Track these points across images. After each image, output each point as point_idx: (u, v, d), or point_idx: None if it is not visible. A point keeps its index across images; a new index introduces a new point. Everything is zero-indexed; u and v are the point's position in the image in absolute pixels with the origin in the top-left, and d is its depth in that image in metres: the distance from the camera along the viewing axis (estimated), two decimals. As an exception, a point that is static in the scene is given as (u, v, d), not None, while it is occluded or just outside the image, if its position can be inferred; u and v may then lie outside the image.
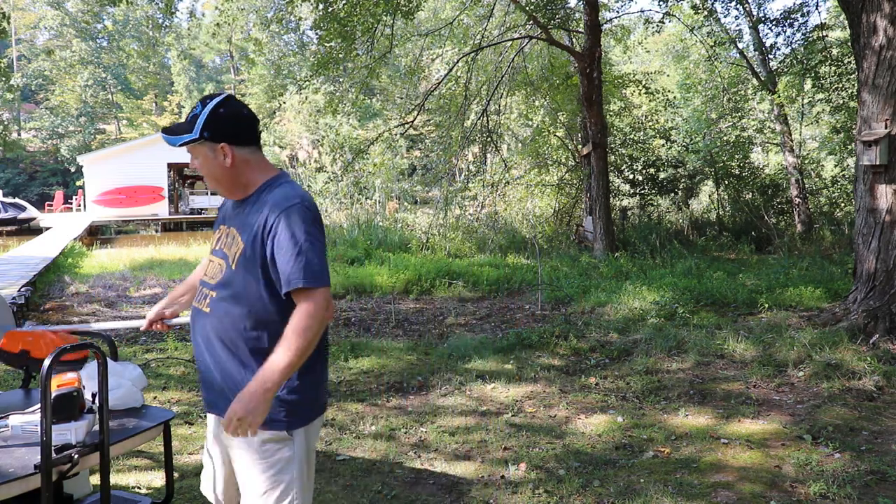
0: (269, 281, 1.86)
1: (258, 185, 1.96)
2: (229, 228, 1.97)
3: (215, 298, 1.93)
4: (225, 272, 1.93)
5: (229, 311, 1.89)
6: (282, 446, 1.92)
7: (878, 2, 5.73)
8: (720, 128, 15.27)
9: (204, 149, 1.93)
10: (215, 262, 1.99)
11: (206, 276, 2.01)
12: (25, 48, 44.07)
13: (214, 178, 1.97)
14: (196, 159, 1.96)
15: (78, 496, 2.77)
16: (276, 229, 1.83)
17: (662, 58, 24.20)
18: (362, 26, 10.91)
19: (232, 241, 1.94)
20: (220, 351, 1.91)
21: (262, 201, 1.91)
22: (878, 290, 5.76)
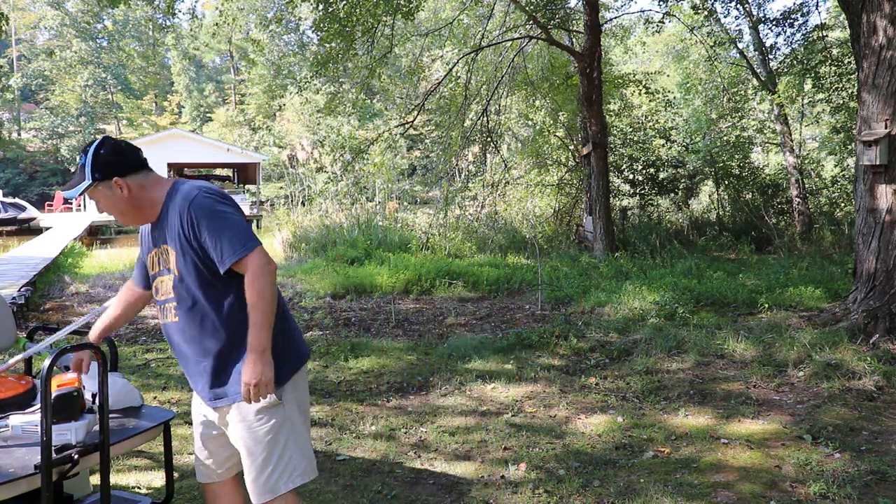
0: (209, 267, 2.05)
1: (162, 201, 2.12)
2: (160, 247, 2.14)
3: (178, 307, 2.12)
4: (174, 283, 2.11)
5: (194, 309, 2.09)
6: (273, 412, 2.13)
7: (878, 2, 5.73)
8: (720, 128, 15.26)
9: (102, 189, 2.09)
10: (163, 281, 2.17)
11: (160, 296, 2.20)
12: (25, 48, 44.07)
13: (121, 212, 2.12)
14: (100, 202, 2.12)
15: (78, 496, 2.77)
16: (192, 222, 2.02)
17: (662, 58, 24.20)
18: (362, 26, 10.91)
19: (166, 255, 2.12)
20: (206, 343, 2.10)
21: (170, 211, 2.08)
22: (878, 290, 5.76)
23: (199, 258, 2.04)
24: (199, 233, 2.01)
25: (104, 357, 2.31)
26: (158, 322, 2.33)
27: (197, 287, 2.07)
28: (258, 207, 30.48)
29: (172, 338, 2.20)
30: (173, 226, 2.06)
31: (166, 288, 2.15)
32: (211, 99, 49.03)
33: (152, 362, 5.73)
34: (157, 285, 2.21)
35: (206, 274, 2.06)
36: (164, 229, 2.10)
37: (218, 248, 2.00)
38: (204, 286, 2.07)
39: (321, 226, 14.71)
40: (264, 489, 2.13)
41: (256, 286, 1.99)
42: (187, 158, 29.21)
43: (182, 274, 2.07)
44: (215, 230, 2.00)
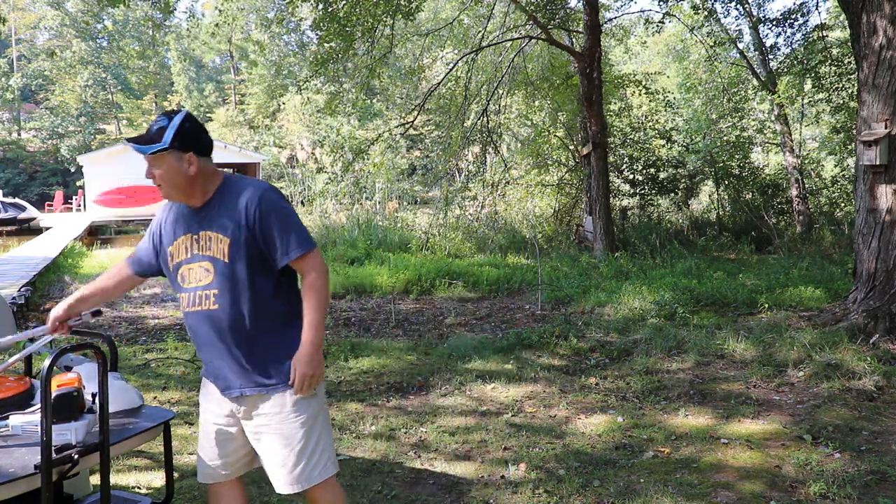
0: (263, 259, 2.10)
1: (214, 190, 2.16)
2: (199, 234, 2.14)
3: (220, 294, 2.10)
4: (218, 269, 2.10)
5: (241, 298, 2.10)
6: (310, 403, 2.19)
7: (879, 2, 5.73)
8: (720, 128, 15.26)
9: (171, 157, 2.09)
10: (192, 269, 2.15)
11: (188, 284, 2.16)
12: (25, 48, 44.07)
13: (174, 186, 2.12)
14: (158, 168, 2.10)
15: (78, 496, 2.76)
16: (260, 213, 2.07)
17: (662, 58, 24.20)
18: (362, 26, 10.90)
19: (209, 242, 2.11)
20: (247, 332, 2.11)
21: (228, 200, 2.12)
22: (878, 290, 5.76)
23: (255, 248, 2.09)
24: (266, 225, 2.07)
25: (104, 357, 2.31)
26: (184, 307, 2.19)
27: (247, 276, 2.09)
28: (258, 207, 30.43)
29: (202, 326, 2.15)
30: (231, 214, 2.09)
31: (200, 275, 2.13)
32: (211, 99, 49.01)
33: (152, 362, 5.73)
34: (182, 273, 2.17)
35: (257, 264, 2.10)
36: (212, 217, 2.12)
37: (284, 243, 2.08)
38: (254, 276, 2.10)
39: (321, 226, 14.72)
40: (300, 479, 2.16)
41: (317, 284, 2.11)
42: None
43: (233, 262, 2.08)
44: (283, 225, 2.09)
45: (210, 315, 2.12)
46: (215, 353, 2.16)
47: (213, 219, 2.12)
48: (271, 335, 2.14)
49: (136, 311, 8.36)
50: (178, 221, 2.21)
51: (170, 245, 2.21)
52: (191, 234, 2.16)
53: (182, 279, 2.18)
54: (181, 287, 2.19)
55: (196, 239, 2.14)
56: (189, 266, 2.16)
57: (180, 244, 2.18)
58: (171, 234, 2.21)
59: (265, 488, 3.34)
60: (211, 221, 2.13)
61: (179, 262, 2.18)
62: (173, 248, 2.20)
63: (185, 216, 2.19)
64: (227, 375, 2.18)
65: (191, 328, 2.20)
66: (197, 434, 4.07)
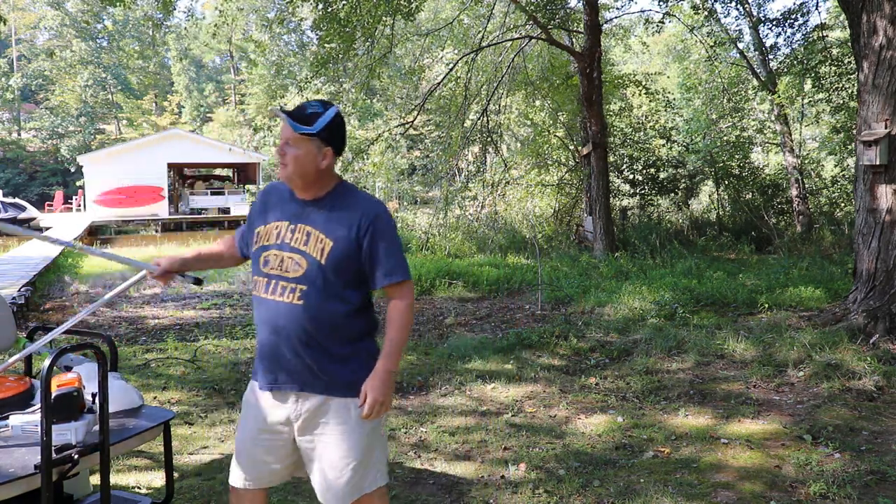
0: (359, 274, 2.12)
1: (329, 189, 2.16)
2: (297, 225, 2.12)
3: (306, 292, 2.07)
4: (311, 267, 2.08)
5: (326, 303, 2.08)
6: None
7: (879, 2, 5.73)
8: (720, 128, 15.26)
9: (312, 145, 2.09)
10: (279, 256, 2.11)
11: (271, 269, 2.12)
12: (25, 48, 44.07)
13: (301, 173, 2.10)
14: (296, 150, 2.08)
15: (78, 496, 2.76)
16: (373, 230, 2.09)
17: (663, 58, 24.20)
18: (362, 27, 10.90)
19: (309, 237, 2.10)
20: (322, 335, 2.09)
21: (343, 205, 2.12)
22: (878, 290, 5.76)
23: (356, 262, 2.10)
24: (376, 244, 2.09)
25: (104, 357, 2.31)
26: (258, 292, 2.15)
27: (340, 284, 2.09)
28: (258, 207, 30.43)
29: (277, 316, 2.10)
30: (343, 220, 2.09)
31: (288, 266, 2.09)
32: (211, 99, 49.04)
33: (152, 362, 5.73)
34: (267, 257, 2.14)
35: (352, 277, 2.11)
36: (319, 215, 2.11)
37: (388, 265, 2.10)
38: (346, 286, 2.10)
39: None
40: (353, 490, 2.13)
41: (406, 313, 2.16)
42: (187, 158, 29.21)
43: (331, 265, 2.07)
44: (391, 249, 2.11)
45: (290, 308, 2.08)
46: (284, 345, 2.09)
47: (319, 217, 2.11)
48: (345, 346, 2.13)
49: (136, 311, 8.36)
50: (275, 206, 2.19)
51: (260, 226, 2.19)
52: (287, 223, 2.13)
53: (265, 263, 2.14)
54: (261, 271, 2.15)
55: (292, 229, 2.12)
56: (276, 253, 2.12)
57: (271, 228, 2.15)
58: (263, 216, 2.19)
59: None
60: (316, 219, 2.11)
61: (266, 245, 2.15)
62: (263, 230, 2.17)
63: (285, 203, 2.18)
64: (290, 370, 2.12)
65: (261, 314, 2.14)
66: (197, 434, 4.08)
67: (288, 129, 2.09)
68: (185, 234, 24.31)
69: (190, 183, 31.20)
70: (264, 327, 2.13)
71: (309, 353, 2.09)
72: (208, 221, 28.07)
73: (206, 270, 2.50)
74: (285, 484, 3.39)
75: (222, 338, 6.70)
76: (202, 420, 4.35)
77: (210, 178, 32.66)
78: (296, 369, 2.10)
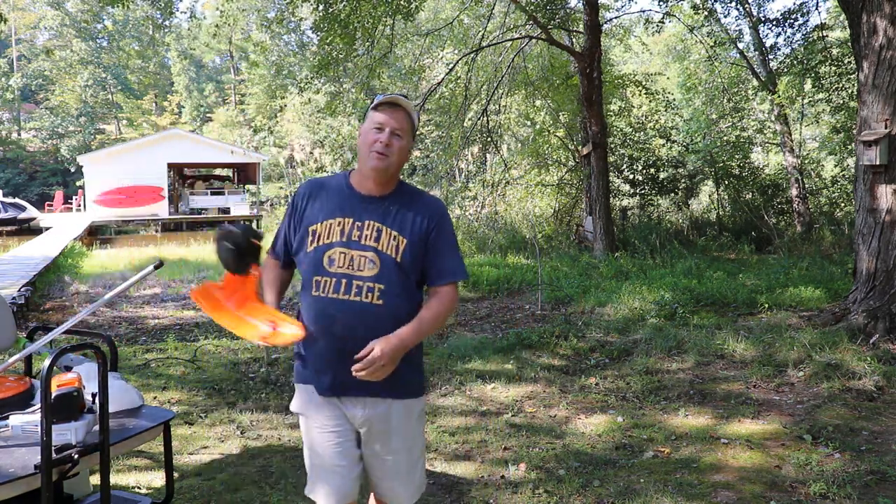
0: (421, 272, 2.09)
1: (395, 184, 2.12)
2: (365, 222, 2.04)
3: (385, 291, 2.00)
4: (386, 265, 2.02)
5: (403, 302, 2.04)
6: (423, 409, 2.22)
7: (879, 2, 5.73)
8: (720, 128, 15.26)
9: (411, 136, 2.09)
10: (356, 255, 2.02)
11: (344, 269, 2.01)
12: (25, 48, 44.08)
13: (399, 164, 2.06)
14: (403, 139, 2.05)
15: (78, 496, 2.76)
16: (438, 229, 2.08)
17: (663, 58, 24.19)
18: (362, 27, 10.91)
19: (380, 235, 2.03)
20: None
21: (410, 203, 2.09)
22: (878, 290, 5.76)
23: (420, 260, 2.06)
24: (439, 243, 2.08)
25: (104, 357, 2.31)
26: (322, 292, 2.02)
27: (413, 282, 2.07)
28: (258, 207, 30.50)
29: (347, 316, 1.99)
30: (414, 218, 2.06)
31: (361, 264, 2.01)
32: (211, 99, 49.04)
33: (152, 362, 5.73)
34: (331, 255, 2.02)
35: (419, 274, 2.09)
36: (388, 212, 2.05)
37: (449, 264, 2.09)
38: (415, 284, 2.09)
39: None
40: (417, 491, 2.17)
41: (447, 308, 2.09)
42: (187, 158, 29.22)
43: (405, 263, 2.03)
44: (452, 248, 2.11)
45: (367, 308, 1.98)
46: (356, 348, 1.95)
47: (388, 214, 2.05)
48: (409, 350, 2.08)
49: (136, 311, 8.36)
50: (333, 202, 2.08)
51: (316, 224, 2.06)
52: (352, 220, 2.04)
53: (329, 262, 2.02)
54: (325, 270, 2.02)
55: (359, 226, 2.03)
56: (343, 251, 2.02)
57: (333, 225, 2.04)
58: (318, 214, 2.07)
59: (265, 488, 3.34)
60: (385, 215, 2.04)
61: (329, 243, 2.03)
62: (321, 227, 2.05)
63: (344, 199, 2.08)
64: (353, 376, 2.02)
65: (326, 316, 2.00)
66: (197, 434, 4.08)
67: (402, 118, 2.04)
68: (185, 234, 24.31)
69: (190, 183, 31.23)
70: (328, 329, 2.00)
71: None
72: (208, 221, 28.08)
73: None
74: (285, 483, 3.40)
75: (222, 338, 6.69)
76: (202, 420, 4.35)
77: (210, 178, 32.68)
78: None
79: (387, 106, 2.04)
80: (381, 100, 2.05)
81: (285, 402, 4.63)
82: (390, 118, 2.02)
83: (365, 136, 2.05)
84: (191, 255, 14.56)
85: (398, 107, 2.04)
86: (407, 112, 2.05)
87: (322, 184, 2.15)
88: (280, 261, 2.19)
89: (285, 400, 4.67)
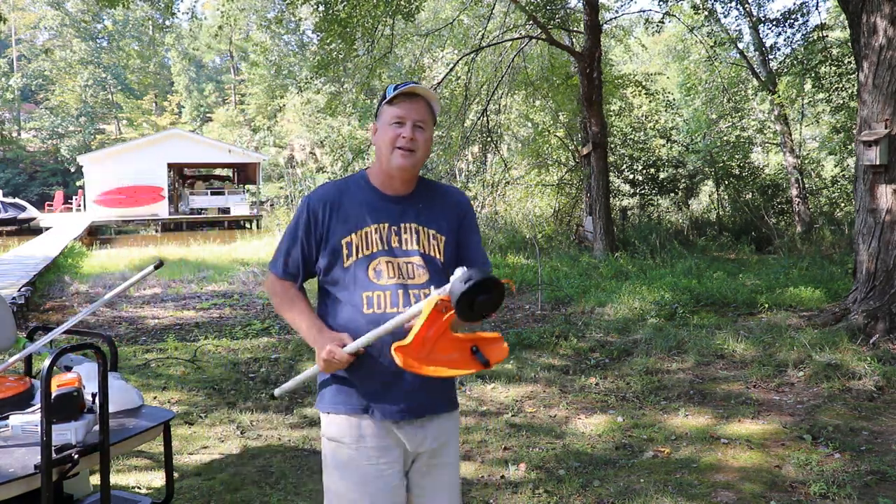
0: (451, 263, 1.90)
1: (416, 183, 1.95)
2: (400, 225, 1.86)
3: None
4: (433, 268, 1.86)
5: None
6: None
7: (878, 2, 5.73)
8: (720, 128, 15.26)
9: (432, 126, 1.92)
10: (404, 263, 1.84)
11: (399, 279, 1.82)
12: (25, 48, 44.08)
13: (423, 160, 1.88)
14: (427, 132, 1.87)
15: (78, 496, 2.76)
16: (467, 221, 1.96)
17: (663, 58, 24.20)
18: (362, 27, 10.92)
19: (417, 236, 1.86)
20: None
21: (435, 197, 1.94)
22: (878, 290, 5.76)
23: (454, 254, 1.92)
24: (468, 234, 1.96)
25: (104, 357, 2.31)
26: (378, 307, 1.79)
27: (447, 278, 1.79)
28: (258, 207, 30.51)
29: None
30: (444, 213, 1.91)
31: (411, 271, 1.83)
32: (211, 99, 49.04)
33: (152, 362, 5.73)
34: (377, 267, 1.81)
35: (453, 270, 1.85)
36: (419, 210, 1.88)
37: (479, 255, 1.96)
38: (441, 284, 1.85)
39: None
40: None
41: None
42: (187, 158, 29.23)
43: (448, 263, 1.86)
44: (478, 238, 2.00)
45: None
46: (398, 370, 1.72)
47: (419, 212, 1.88)
48: None
49: (136, 311, 8.36)
50: (361, 208, 1.86)
51: (349, 235, 1.84)
52: (388, 224, 1.85)
53: (376, 274, 1.81)
54: (373, 283, 1.80)
55: (396, 230, 1.85)
56: (388, 259, 1.82)
57: (370, 233, 1.84)
58: (349, 223, 1.85)
59: (265, 488, 3.34)
60: (417, 214, 1.88)
61: (371, 254, 1.83)
62: (356, 237, 1.84)
63: (371, 203, 1.87)
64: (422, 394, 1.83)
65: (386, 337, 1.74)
66: (197, 434, 4.08)
67: (423, 107, 1.85)
68: (185, 233, 24.31)
69: (190, 183, 31.25)
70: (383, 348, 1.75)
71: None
72: (208, 221, 28.09)
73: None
74: (285, 483, 3.40)
75: (222, 338, 6.70)
76: (202, 420, 4.35)
77: (210, 178, 32.70)
78: (428, 388, 1.82)
79: (404, 97, 1.83)
80: (396, 91, 1.83)
81: (285, 403, 4.63)
82: (410, 110, 1.82)
83: (384, 133, 1.84)
84: (191, 255, 14.56)
85: (416, 96, 1.84)
86: (426, 101, 1.86)
87: (339, 190, 1.91)
88: (296, 282, 1.92)
89: (285, 400, 4.67)
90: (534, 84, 14.32)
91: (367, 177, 1.93)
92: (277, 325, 7.31)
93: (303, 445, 3.94)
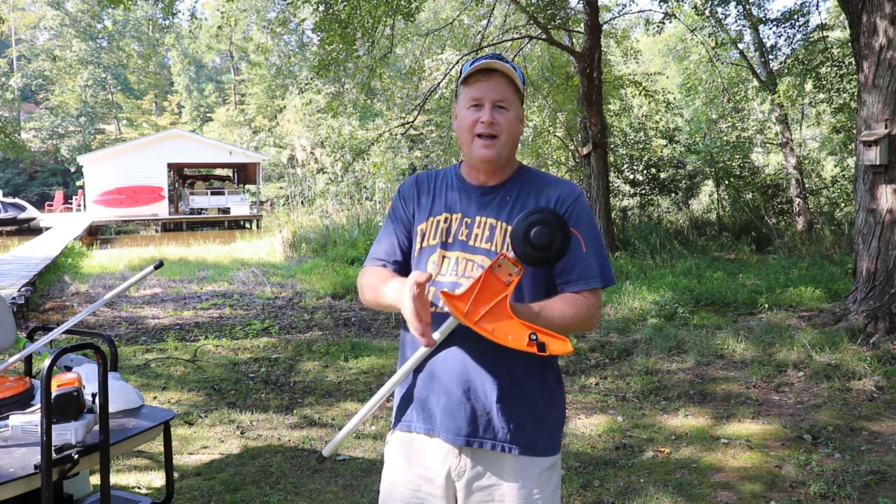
0: (551, 278, 1.62)
1: (514, 169, 1.69)
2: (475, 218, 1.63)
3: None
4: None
5: None
6: (554, 473, 1.66)
7: (879, 2, 5.74)
8: (720, 128, 15.26)
9: (519, 105, 1.65)
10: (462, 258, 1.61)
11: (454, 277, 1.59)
12: (25, 48, 44.09)
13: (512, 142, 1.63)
14: (510, 111, 1.61)
15: (78, 496, 2.76)
16: (569, 217, 1.59)
17: (663, 58, 24.20)
18: (363, 27, 10.91)
19: (493, 233, 1.60)
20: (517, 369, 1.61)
21: (530, 190, 1.64)
22: (878, 290, 5.76)
23: None
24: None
25: (104, 357, 2.31)
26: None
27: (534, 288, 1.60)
28: (258, 207, 30.51)
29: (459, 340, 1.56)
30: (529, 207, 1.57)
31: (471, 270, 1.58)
32: (211, 99, 49.07)
33: (152, 362, 5.73)
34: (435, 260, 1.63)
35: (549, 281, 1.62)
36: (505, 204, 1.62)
37: (583, 264, 1.58)
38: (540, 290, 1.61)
39: (321, 226, 14.71)
40: None
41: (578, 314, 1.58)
42: (187, 158, 29.24)
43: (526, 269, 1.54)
44: (590, 243, 1.60)
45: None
46: (460, 380, 1.56)
47: (504, 206, 1.62)
48: (538, 381, 1.65)
49: (136, 311, 8.36)
50: (440, 196, 1.68)
51: (423, 222, 1.67)
52: (460, 215, 1.63)
53: (434, 268, 1.62)
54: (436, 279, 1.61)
55: (468, 223, 1.62)
56: (446, 253, 1.61)
57: (439, 222, 1.65)
58: (426, 209, 1.68)
59: (265, 488, 3.34)
60: (500, 208, 1.62)
61: (430, 245, 1.64)
62: (426, 225, 1.66)
63: (451, 192, 1.68)
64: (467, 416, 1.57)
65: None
66: (197, 434, 4.08)
67: (503, 84, 1.60)
68: (185, 233, 24.32)
69: (190, 183, 31.25)
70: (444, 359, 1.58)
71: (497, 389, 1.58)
72: (208, 221, 28.09)
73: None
74: (285, 483, 3.40)
75: (222, 338, 6.70)
76: (202, 420, 4.35)
77: (210, 178, 32.71)
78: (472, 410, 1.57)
79: (480, 75, 1.60)
80: (470, 69, 1.61)
81: (285, 402, 4.64)
82: (487, 89, 1.59)
83: (461, 120, 1.63)
84: (191, 255, 14.56)
85: (494, 71, 1.60)
86: (506, 76, 1.61)
87: (429, 177, 1.74)
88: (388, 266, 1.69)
89: (285, 400, 4.67)
90: (534, 84, 14.33)
91: (458, 166, 1.74)
92: (277, 326, 7.31)
93: (303, 445, 3.94)
